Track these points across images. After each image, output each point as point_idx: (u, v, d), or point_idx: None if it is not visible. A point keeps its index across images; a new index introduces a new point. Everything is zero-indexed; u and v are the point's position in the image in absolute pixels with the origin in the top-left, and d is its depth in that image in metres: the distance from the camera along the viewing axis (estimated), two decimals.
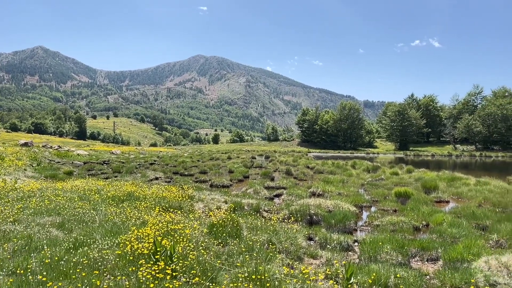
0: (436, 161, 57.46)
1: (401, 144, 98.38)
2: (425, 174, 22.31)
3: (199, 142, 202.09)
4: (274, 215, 10.51)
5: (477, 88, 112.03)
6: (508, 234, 8.23)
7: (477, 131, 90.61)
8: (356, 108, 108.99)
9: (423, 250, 7.40)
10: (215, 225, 7.66)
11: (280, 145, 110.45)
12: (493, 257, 6.06)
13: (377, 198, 14.51)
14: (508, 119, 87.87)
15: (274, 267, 5.52)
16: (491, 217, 10.14)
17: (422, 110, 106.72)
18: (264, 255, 6.13)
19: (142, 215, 8.60)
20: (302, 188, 16.40)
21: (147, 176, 21.88)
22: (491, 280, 5.39)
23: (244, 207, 11.31)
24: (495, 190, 15.46)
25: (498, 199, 13.03)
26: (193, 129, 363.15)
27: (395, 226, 9.52)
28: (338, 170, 26.85)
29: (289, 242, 7.28)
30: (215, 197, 12.75)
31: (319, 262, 6.86)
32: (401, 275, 5.57)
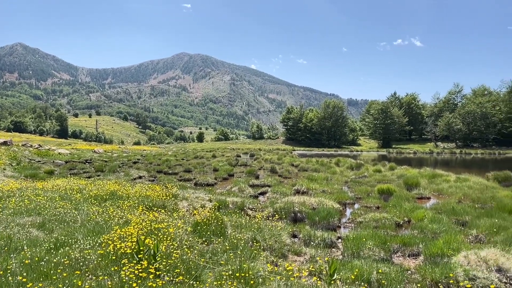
0: (418, 158, 58.48)
1: (384, 141, 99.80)
2: (407, 171, 22.68)
3: (183, 141, 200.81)
4: (259, 213, 10.54)
5: (457, 86, 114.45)
6: (487, 229, 8.44)
7: (457, 129, 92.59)
8: (340, 106, 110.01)
9: (405, 245, 7.53)
10: (199, 224, 7.63)
11: (265, 143, 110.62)
12: (472, 252, 6.21)
13: (360, 195, 14.68)
14: (487, 117, 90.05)
15: (258, 264, 5.54)
16: (471, 213, 10.39)
17: (405, 108, 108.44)
18: (249, 253, 6.14)
19: (125, 214, 8.50)
20: (287, 186, 16.48)
21: (131, 175, 21.64)
22: (471, 275, 5.52)
23: (228, 205, 11.30)
24: (474, 187, 15.83)
25: (477, 195, 13.34)
26: (177, 128, 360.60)
27: (378, 223, 9.65)
28: (322, 167, 27.07)
29: (274, 240, 7.31)
30: (200, 196, 12.70)
31: (303, 259, 6.91)
32: (383, 270, 5.66)
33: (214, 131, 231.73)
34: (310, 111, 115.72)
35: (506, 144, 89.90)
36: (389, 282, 5.40)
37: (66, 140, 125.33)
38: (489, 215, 9.82)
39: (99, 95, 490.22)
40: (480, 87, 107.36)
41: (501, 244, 7.09)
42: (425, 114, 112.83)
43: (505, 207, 10.79)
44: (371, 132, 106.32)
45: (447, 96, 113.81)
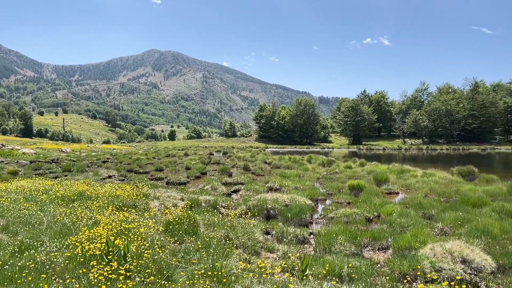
0: (387, 154, 60.07)
1: (354, 138, 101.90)
2: (377, 167, 23.25)
3: (154, 139, 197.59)
4: (232, 210, 10.52)
5: (423, 84, 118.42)
6: (452, 222, 8.77)
7: (423, 125, 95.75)
8: (311, 104, 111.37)
9: (375, 240, 7.71)
10: (171, 223, 7.53)
11: (238, 141, 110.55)
12: (438, 244, 6.43)
13: (332, 191, 14.92)
14: (452, 114, 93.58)
15: (231, 262, 5.53)
16: (436, 207, 10.76)
17: (374, 105, 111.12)
18: (221, 251, 6.12)
19: (94, 215, 8.28)
20: (260, 183, 16.53)
21: (100, 174, 21.09)
22: (437, 266, 5.72)
23: (201, 204, 11.22)
24: (440, 181, 16.42)
25: (443, 190, 13.84)
26: (148, 126, 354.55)
27: (349, 218, 9.83)
28: (295, 164, 27.32)
29: (247, 237, 7.31)
30: (172, 195, 12.54)
31: (276, 256, 6.95)
32: (354, 264, 5.77)
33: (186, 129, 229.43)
34: (283, 109, 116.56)
35: (469, 140, 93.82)
36: (359, 275, 5.51)
37: (31, 139, 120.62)
38: (453, 209, 10.22)
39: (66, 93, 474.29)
40: (445, 85, 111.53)
41: (465, 236, 7.39)
42: (394, 111, 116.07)
43: (468, 201, 11.25)
44: (342, 129, 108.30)
45: (414, 93, 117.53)
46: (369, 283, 5.30)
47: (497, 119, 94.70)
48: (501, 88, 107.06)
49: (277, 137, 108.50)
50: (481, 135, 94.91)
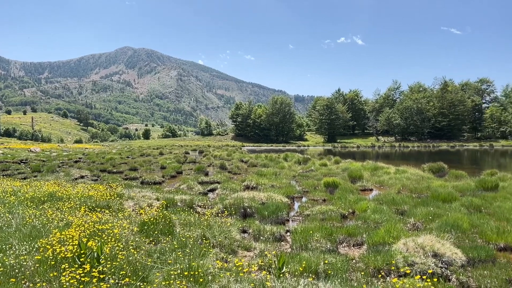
0: (361, 152, 61.21)
1: (329, 136, 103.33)
2: (351, 165, 23.64)
3: (128, 138, 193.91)
4: (208, 210, 10.45)
5: (396, 83, 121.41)
6: (423, 217, 9.02)
7: (396, 123, 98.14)
8: (287, 103, 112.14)
9: (350, 236, 7.83)
10: (146, 223, 7.41)
11: (214, 139, 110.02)
12: (411, 239, 6.60)
13: (307, 189, 15.06)
14: (422, 112, 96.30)
15: (208, 262, 5.49)
16: (409, 203, 11.04)
17: (348, 104, 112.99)
18: (198, 250, 6.06)
19: (65, 216, 8.03)
20: (236, 182, 16.50)
21: (72, 174, 20.51)
22: (409, 261, 5.86)
23: (177, 203, 11.08)
24: (412, 178, 16.87)
25: (415, 186, 14.22)
26: (122, 124, 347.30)
27: (325, 215, 9.95)
28: (271, 163, 27.43)
29: (223, 236, 7.28)
30: (147, 194, 12.34)
31: (253, 254, 6.95)
32: (330, 261, 5.84)
33: (161, 128, 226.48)
34: (259, 107, 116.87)
35: (439, 137, 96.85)
36: (335, 272, 5.58)
37: None
38: (425, 204, 10.51)
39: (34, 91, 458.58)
40: (416, 84, 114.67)
41: (436, 230, 7.61)
42: (367, 109, 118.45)
43: (439, 196, 11.61)
44: (317, 128, 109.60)
45: (387, 92, 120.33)
46: (344, 279, 5.37)
47: (465, 117, 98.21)
48: (469, 87, 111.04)
49: (254, 136, 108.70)
50: (450, 132, 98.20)
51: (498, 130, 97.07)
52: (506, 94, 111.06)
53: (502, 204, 10.42)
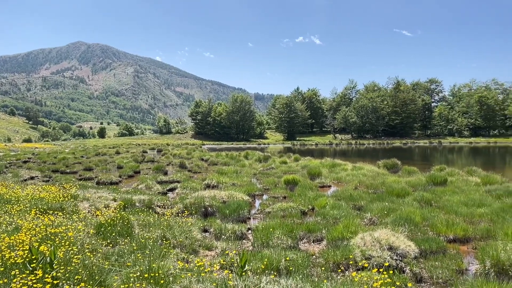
0: (319, 149, 62.60)
1: (289, 134, 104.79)
2: (310, 162, 24.13)
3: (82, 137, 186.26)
4: (168, 210, 10.26)
5: (352, 82, 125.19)
6: (379, 212, 9.37)
7: (352, 121, 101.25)
8: (247, 101, 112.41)
9: (310, 232, 7.98)
10: (103, 225, 7.14)
11: (173, 138, 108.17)
12: (368, 233, 6.82)
13: (268, 186, 15.18)
14: (377, 110, 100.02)
15: (168, 263, 5.38)
16: (365, 198, 11.43)
17: (307, 102, 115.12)
18: (158, 251, 5.93)
19: (14, 219, 7.57)
20: (197, 181, 16.32)
21: (20, 175, 19.39)
22: (367, 254, 6.06)
23: (135, 204, 10.79)
24: (368, 174, 17.48)
25: (371, 182, 14.75)
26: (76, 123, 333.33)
27: (285, 212, 10.07)
28: (232, 161, 27.40)
29: (184, 236, 7.17)
30: (103, 195, 11.90)
31: (214, 253, 6.90)
32: (291, 257, 5.91)
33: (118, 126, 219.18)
34: (219, 105, 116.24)
35: (392, 134, 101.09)
36: (296, 268, 5.66)
37: None
38: (380, 199, 10.93)
39: None
40: (371, 83, 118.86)
41: (391, 224, 7.92)
42: (325, 108, 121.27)
43: (393, 191, 12.11)
44: (277, 126, 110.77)
45: (344, 91, 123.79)
46: (305, 275, 5.46)
47: (416, 116, 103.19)
48: (419, 87, 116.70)
49: (214, 134, 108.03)
50: (403, 130, 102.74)
51: (446, 127, 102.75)
52: (453, 93, 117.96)
53: (451, 198, 11.05)
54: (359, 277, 4.97)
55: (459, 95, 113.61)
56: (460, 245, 7.40)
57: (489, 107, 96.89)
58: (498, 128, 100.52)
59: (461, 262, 6.14)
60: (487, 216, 8.90)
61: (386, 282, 4.60)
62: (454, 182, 14.50)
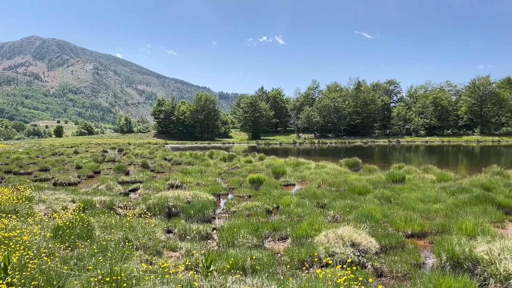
0: (284, 148, 63.28)
1: (253, 134, 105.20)
2: (275, 161, 24.33)
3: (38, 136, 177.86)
4: (130, 211, 10.00)
5: (315, 83, 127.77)
6: (342, 210, 9.59)
7: (315, 121, 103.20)
8: (212, 100, 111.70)
9: (275, 230, 8.04)
10: (61, 228, 6.84)
11: (135, 137, 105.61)
12: (331, 230, 6.96)
13: (233, 186, 15.16)
14: (339, 110, 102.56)
15: (131, 265, 5.24)
16: (328, 196, 11.66)
17: (271, 102, 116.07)
18: (120, 254, 5.75)
19: None
20: (160, 181, 16.01)
21: None
22: (330, 251, 6.19)
23: (96, 205, 10.42)
24: (330, 172, 17.86)
25: (333, 180, 15.07)
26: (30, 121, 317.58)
27: (250, 211, 10.09)
28: (196, 160, 27.12)
29: (147, 237, 7.01)
30: (61, 197, 11.40)
31: (179, 254, 6.80)
32: (257, 256, 5.93)
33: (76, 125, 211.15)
34: (182, 104, 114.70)
35: (354, 134, 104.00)
36: (262, 266, 5.68)
37: None
38: (343, 197, 11.19)
39: None
40: (333, 84, 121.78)
41: (353, 221, 8.13)
42: (289, 107, 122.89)
43: (355, 189, 12.44)
44: (241, 125, 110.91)
45: (307, 91, 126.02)
46: (271, 273, 5.49)
47: (376, 116, 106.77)
48: (379, 88, 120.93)
49: (177, 133, 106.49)
50: (364, 129, 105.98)
51: (404, 127, 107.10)
52: (410, 94, 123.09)
53: (409, 194, 11.51)
54: (323, 274, 5.06)
55: (415, 96, 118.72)
56: (417, 240, 7.71)
57: (443, 108, 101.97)
58: (451, 127, 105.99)
59: (418, 256, 6.40)
60: (442, 211, 9.35)
61: (349, 278, 4.71)
62: (412, 179, 15.12)
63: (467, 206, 9.63)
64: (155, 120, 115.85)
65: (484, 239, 6.28)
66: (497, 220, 8.78)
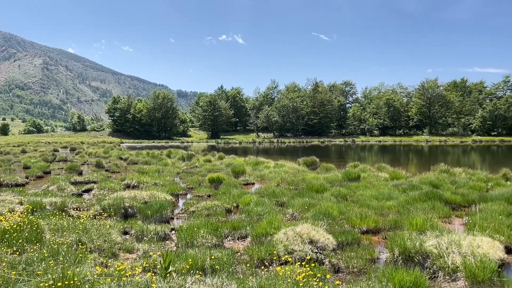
0: (243, 147, 63.43)
1: (213, 133, 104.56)
2: (234, 160, 24.33)
3: None
4: (84, 212, 9.61)
5: (274, 83, 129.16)
6: (300, 208, 9.76)
7: (274, 120, 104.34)
8: (170, 97, 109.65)
9: (235, 229, 8.03)
10: (7, 231, 6.44)
11: (88, 135, 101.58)
12: (290, 228, 7.07)
13: (192, 185, 14.98)
14: (297, 110, 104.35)
15: (85, 268, 5.02)
16: (287, 194, 11.83)
17: (231, 101, 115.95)
18: (73, 257, 5.51)
19: None
20: (116, 181, 15.50)
21: None
22: (289, 249, 6.28)
23: (46, 207, 9.90)
24: (289, 171, 18.14)
25: (292, 179, 15.31)
26: None
27: (210, 211, 10.02)
28: (154, 160, 26.54)
29: (102, 239, 6.76)
30: (7, 198, 10.72)
31: (136, 256, 6.62)
32: (216, 256, 5.90)
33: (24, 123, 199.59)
34: (139, 102, 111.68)
35: (311, 133, 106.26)
36: (222, 266, 5.66)
37: None
38: (301, 195, 11.39)
39: None
40: (292, 84, 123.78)
41: (311, 219, 8.30)
42: (249, 107, 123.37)
43: (313, 187, 12.72)
44: (200, 124, 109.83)
45: (266, 91, 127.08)
46: (231, 272, 5.49)
47: (333, 116, 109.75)
48: (335, 88, 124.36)
49: (134, 132, 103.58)
50: (321, 129, 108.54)
51: (359, 127, 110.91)
52: (365, 95, 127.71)
53: (364, 192, 11.94)
54: (283, 271, 5.12)
55: (370, 97, 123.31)
56: (372, 236, 8.01)
57: (395, 109, 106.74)
58: (403, 128, 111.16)
59: (373, 251, 6.65)
60: (395, 208, 9.78)
61: (308, 275, 4.81)
62: (366, 177, 15.68)
63: (417, 203, 10.13)
64: (110, 118, 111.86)
65: (433, 234, 6.64)
66: (445, 216, 9.32)
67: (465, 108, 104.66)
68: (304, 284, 4.54)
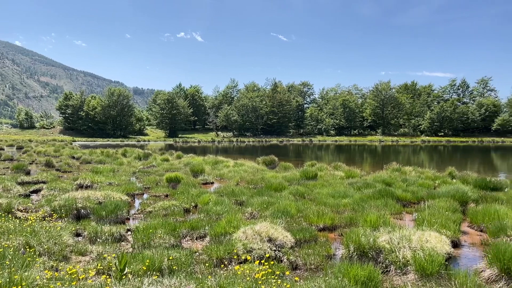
0: (202, 146, 62.87)
1: (171, 131, 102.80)
2: (193, 159, 24.05)
3: None
4: (33, 214, 9.10)
5: (233, 82, 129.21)
6: (259, 206, 9.82)
7: (234, 119, 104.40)
8: (125, 95, 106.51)
9: (193, 229, 7.94)
10: None
11: (37, 133, 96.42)
12: (249, 227, 7.10)
13: (149, 185, 14.63)
14: (257, 110, 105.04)
15: (34, 273, 4.76)
16: (246, 193, 11.87)
17: (189, 99, 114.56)
18: (21, 261, 5.21)
19: None
20: (67, 181, 14.81)
21: None
22: (248, 247, 6.30)
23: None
24: (248, 170, 18.20)
25: (251, 178, 15.37)
26: None
27: (167, 210, 9.84)
28: (108, 159, 25.65)
29: (53, 242, 6.44)
30: None
31: (89, 258, 6.36)
32: (174, 256, 5.80)
33: None
34: (93, 99, 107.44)
35: (270, 133, 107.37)
36: (180, 266, 5.58)
37: None
38: (260, 194, 11.47)
39: None
40: (251, 84, 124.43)
41: (270, 217, 8.38)
42: (208, 105, 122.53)
43: (271, 186, 12.84)
44: (158, 122, 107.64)
45: (226, 90, 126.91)
46: (189, 272, 5.43)
47: (291, 116, 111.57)
48: (294, 89, 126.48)
49: (87, 130, 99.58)
50: (280, 129, 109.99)
51: (316, 127, 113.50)
52: (322, 96, 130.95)
53: (320, 190, 12.22)
54: (241, 270, 5.13)
55: (326, 98, 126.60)
56: (329, 233, 8.22)
57: (351, 110, 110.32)
58: (358, 128, 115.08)
59: (330, 248, 6.82)
60: (350, 205, 10.10)
61: (267, 273, 4.85)
62: (323, 176, 16.07)
63: (371, 200, 10.53)
64: (62, 115, 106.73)
65: (385, 230, 6.93)
66: (397, 212, 9.76)
67: (415, 109, 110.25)
68: (263, 282, 4.57)
